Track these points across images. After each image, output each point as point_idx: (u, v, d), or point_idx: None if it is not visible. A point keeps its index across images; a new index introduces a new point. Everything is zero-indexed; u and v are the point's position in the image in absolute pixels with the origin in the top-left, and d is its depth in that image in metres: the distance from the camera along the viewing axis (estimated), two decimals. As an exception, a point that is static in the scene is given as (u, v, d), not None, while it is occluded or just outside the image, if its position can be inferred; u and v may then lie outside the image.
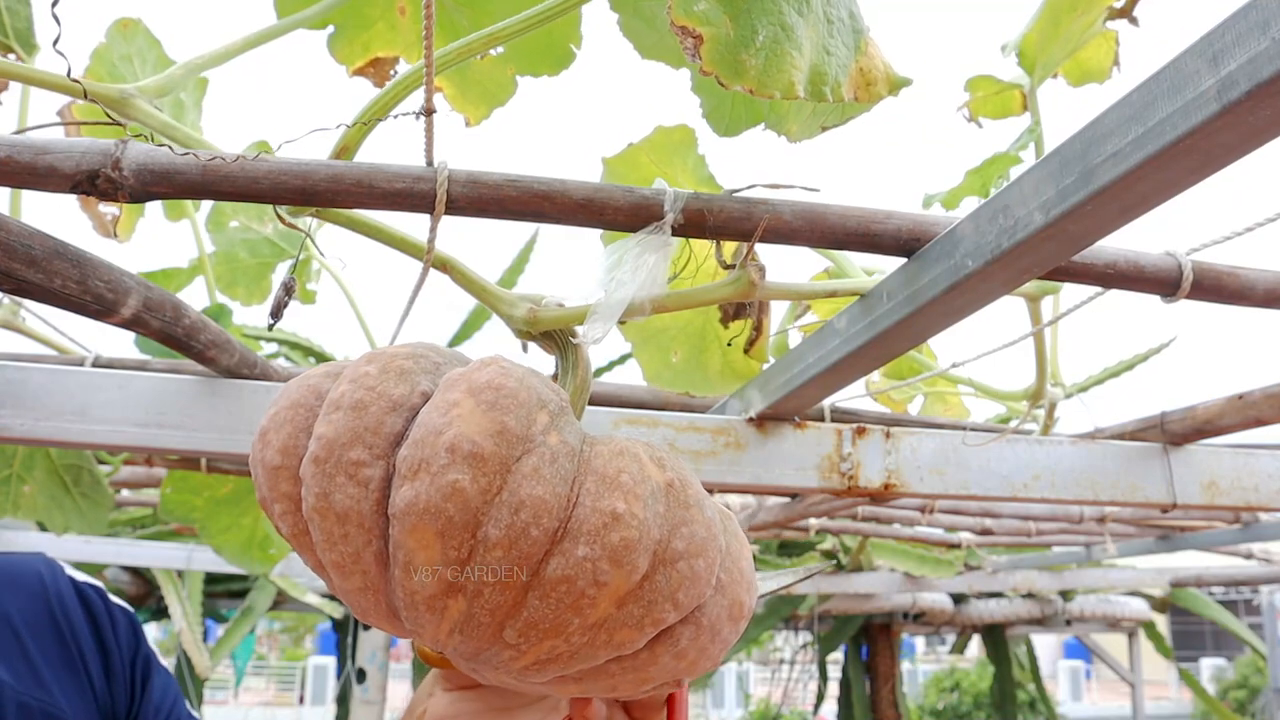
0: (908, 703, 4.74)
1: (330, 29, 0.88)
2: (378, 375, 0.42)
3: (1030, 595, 4.32)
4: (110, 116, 0.67)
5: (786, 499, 1.79)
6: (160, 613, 3.67)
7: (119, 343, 2.95)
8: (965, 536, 2.79)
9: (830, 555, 3.36)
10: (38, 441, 0.82)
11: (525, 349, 0.67)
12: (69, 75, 0.60)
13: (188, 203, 1.38)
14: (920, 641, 18.82)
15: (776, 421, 0.95)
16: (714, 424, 0.94)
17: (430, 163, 0.61)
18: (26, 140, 0.56)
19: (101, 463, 1.57)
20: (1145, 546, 2.64)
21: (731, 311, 0.98)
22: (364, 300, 1.41)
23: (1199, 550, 2.82)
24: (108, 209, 1.22)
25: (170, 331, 0.74)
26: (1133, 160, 0.47)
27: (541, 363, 0.63)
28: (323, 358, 1.83)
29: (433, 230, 0.60)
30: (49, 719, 0.67)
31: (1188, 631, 19.71)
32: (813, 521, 2.40)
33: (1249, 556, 3.13)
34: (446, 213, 0.59)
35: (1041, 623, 4.49)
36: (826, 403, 1.08)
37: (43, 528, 2.36)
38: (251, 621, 3.51)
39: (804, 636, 4.95)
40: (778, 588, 0.60)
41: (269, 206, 1.35)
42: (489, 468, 0.39)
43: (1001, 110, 1.08)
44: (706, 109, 0.76)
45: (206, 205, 1.41)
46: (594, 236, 0.85)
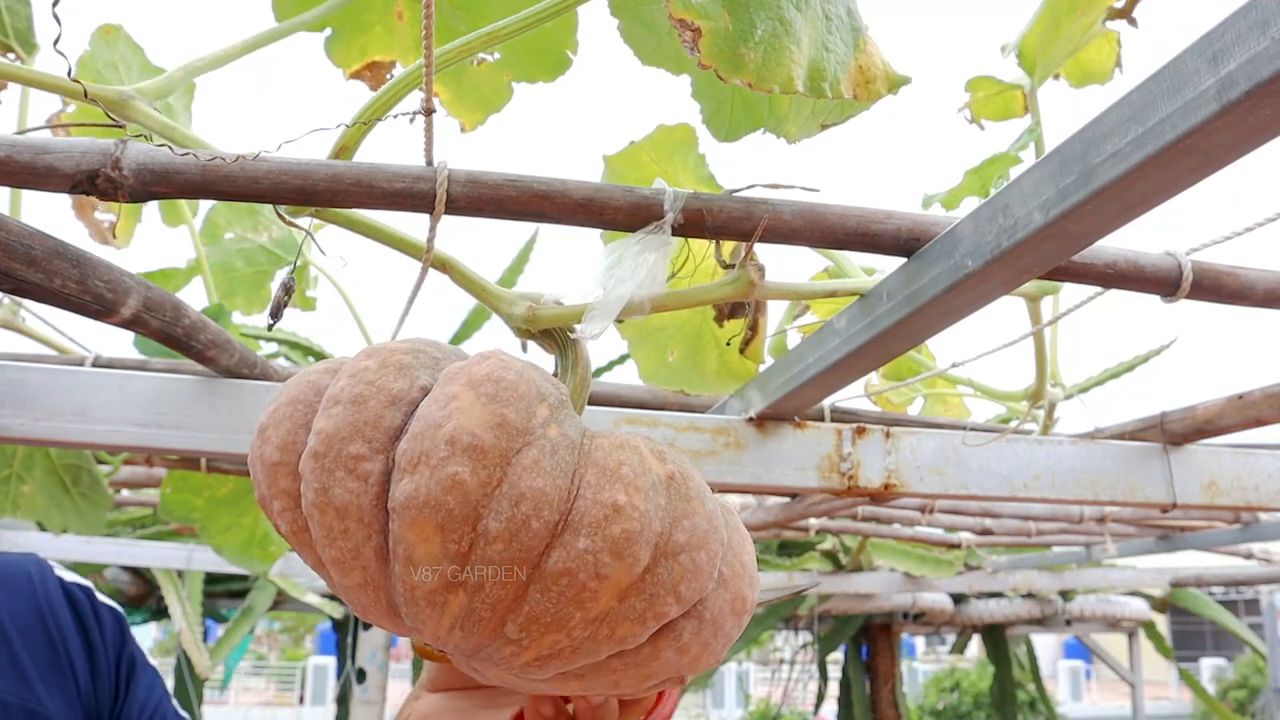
0: (908, 703, 4.74)
1: (328, 32, 0.88)
2: (377, 370, 0.42)
3: (1030, 595, 4.32)
4: (110, 118, 0.67)
5: (786, 499, 1.79)
6: (160, 613, 3.67)
7: (119, 343, 2.95)
8: (965, 536, 2.79)
9: (829, 555, 3.36)
10: (37, 441, 0.82)
11: (525, 348, 0.67)
12: (70, 74, 0.60)
13: (185, 207, 1.38)
14: (920, 641, 18.81)
15: (776, 421, 0.95)
16: (714, 424, 0.94)
17: (430, 162, 0.61)
18: (26, 140, 0.56)
19: (101, 462, 1.57)
20: (1145, 546, 2.64)
21: (727, 311, 0.98)
22: (362, 302, 1.41)
23: (1199, 550, 2.82)
24: (104, 216, 1.22)
25: (170, 331, 0.74)
26: (1132, 160, 0.47)
27: (541, 361, 0.63)
28: (321, 357, 1.83)
29: (432, 230, 0.60)
30: (32, 717, 0.68)
31: (1188, 631, 19.71)
32: (813, 521, 2.40)
33: (1249, 556, 3.13)
34: (446, 212, 0.59)
35: (1041, 623, 4.49)
36: (826, 403, 1.07)
37: (42, 527, 2.35)
38: (251, 621, 3.50)
39: (804, 636, 4.95)
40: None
41: (264, 215, 1.34)
42: (489, 460, 0.39)
43: (1003, 112, 1.08)
44: (706, 114, 0.75)
45: (204, 210, 1.41)
46: (594, 237, 0.85)
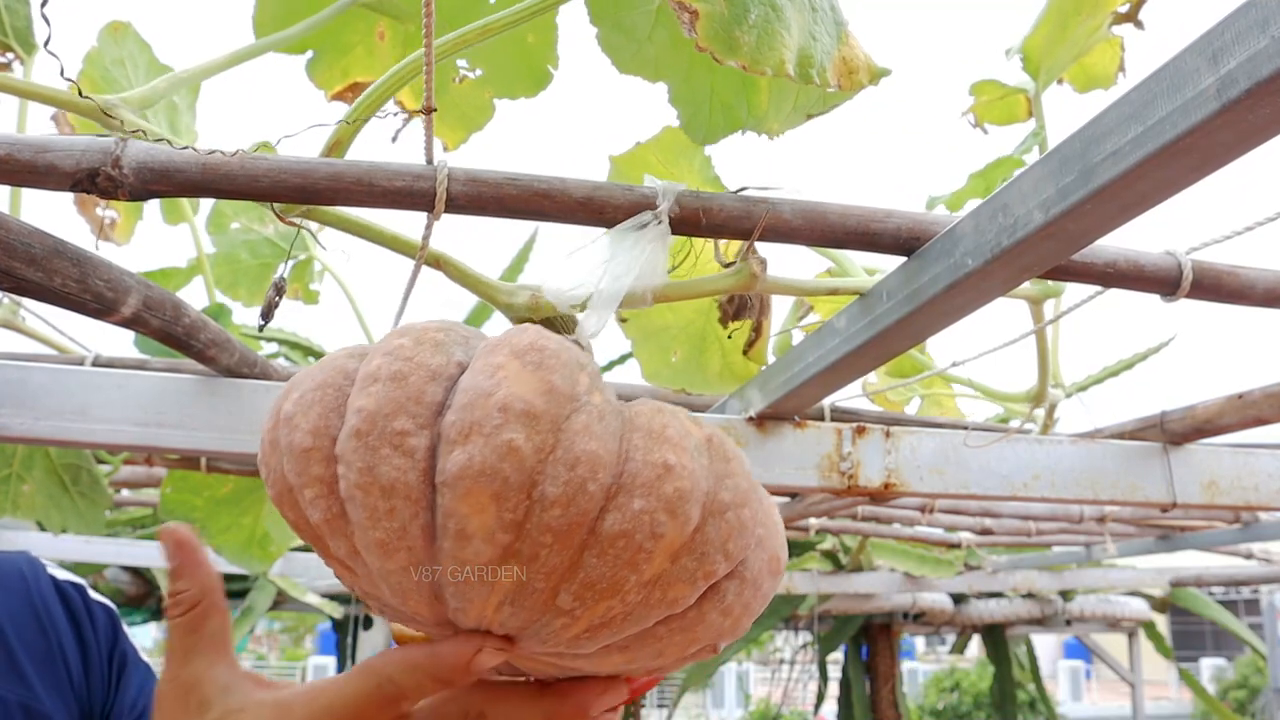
0: (908, 703, 4.74)
1: (309, 54, 0.88)
2: (413, 346, 0.42)
3: (1030, 595, 4.32)
4: (104, 127, 0.67)
5: (786, 498, 1.79)
6: (160, 613, 3.67)
7: (118, 342, 2.95)
8: (965, 536, 2.79)
9: (829, 555, 3.36)
10: (37, 441, 0.82)
11: None
12: (62, 74, 0.60)
13: (186, 205, 1.38)
14: (920, 641, 18.81)
15: (776, 421, 0.95)
16: (713, 423, 0.94)
17: (430, 161, 0.61)
18: (27, 138, 0.56)
19: (101, 462, 1.57)
20: (1145, 546, 2.63)
21: (731, 312, 0.98)
22: (362, 299, 1.41)
23: (1199, 550, 2.82)
24: (106, 213, 1.22)
25: (170, 330, 0.74)
26: (1132, 159, 0.47)
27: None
28: (322, 356, 1.83)
29: (428, 228, 0.60)
30: (28, 713, 0.68)
31: (1188, 631, 19.70)
32: (813, 521, 2.39)
33: (1249, 556, 3.13)
34: (446, 211, 0.59)
35: (1041, 623, 4.48)
36: (826, 402, 1.07)
37: (41, 527, 2.35)
38: (251, 621, 3.50)
39: (804, 636, 4.95)
40: None
41: (270, 207, 1.35)
42: (542, 425, 0.39)
43: (1007, 116, 1.08)
44: (684, 119, 0.76)
45: (205, 208, 1.41)
46: (595, 236, 0.85)
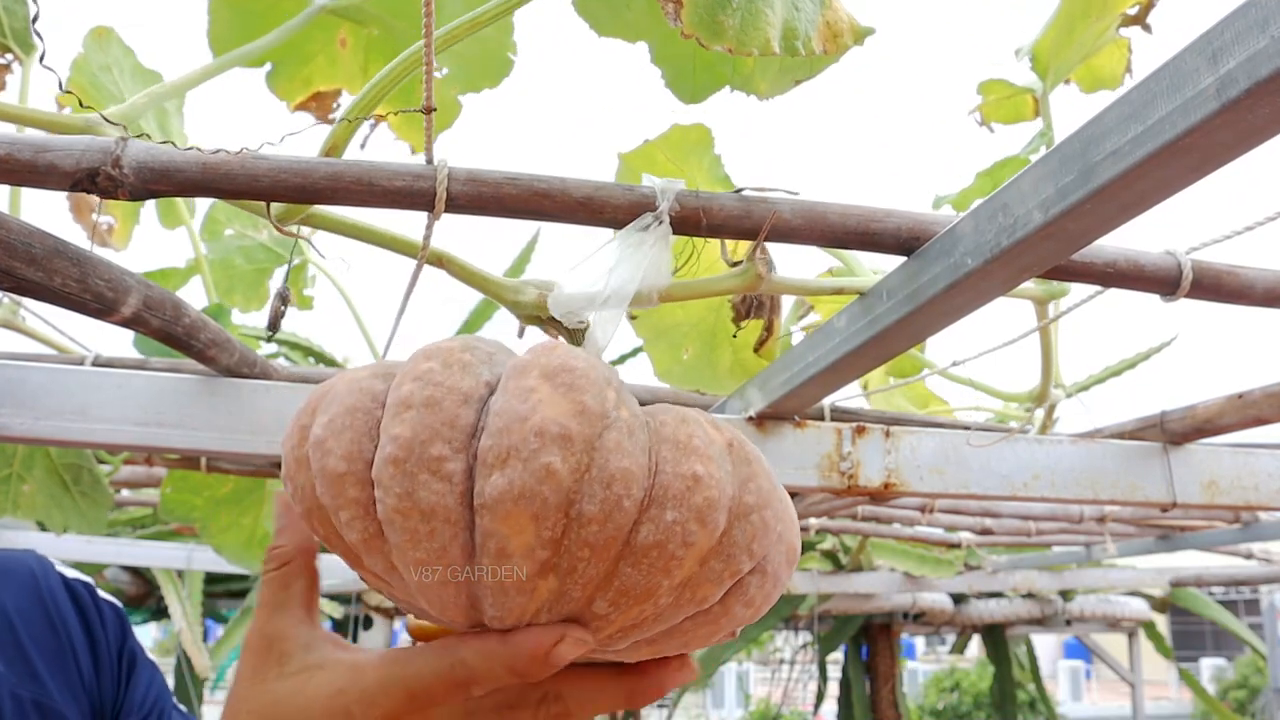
0: (908, 703, 4.74)
1: (268, 66, 0.88)
2: (442, 371, 0.43)
3: (1030, 595, 4.32)
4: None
5: (786, 498, 1.79)
6: (160, 613, 3.67)
7: (118, 342, 2.95)
8: (965, 536, 2.79)
9: (830, 555, 3.36)
10: (37, 440, 0.82)
11: (521, 334, 0.68)
12: (60, 86, 0.60)
13: (183, 208, 1.37)
14: (920, 641, 18.81)
15: (776, 420, 0.95)
16: (714, 423, 0.94)
17: (430, 160, 0.61)
18: (26, 138, 0.56)
19: (101, 462, 1.57)
20: (1145, 546, 2.63)
21: (744, 311, 0.98)
22: (360, 299, 1.41)
23: (1199, 550, 2.81)
24: (103, 219, 1.22)
25: (170, 330, 0.74)
26: (1132, 158, 0.47)
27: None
28: (322, 357, 1.83)
29: (429, 228, 0.60)
30: (41, 710, 0.68)
31: (1188, 631, 19.70)
32: (812, 521, 2.39)
33: (1249, 556, 3.13)
34: (446, 211, 0.59)
35: (1041, 623, 4.48)
36: (826, 402, 1.07)
37: (43, 527, 2.35)
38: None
39: (804, 636, 4.95)
40: None
41: (266, 215, 1.35)
42: (576, 447, 0.40)
43: (1014, 115, 1.08)
44: (669, 79, 0.77)
45: (201, 211, 1.41)
46: (595, 235, 0.85)
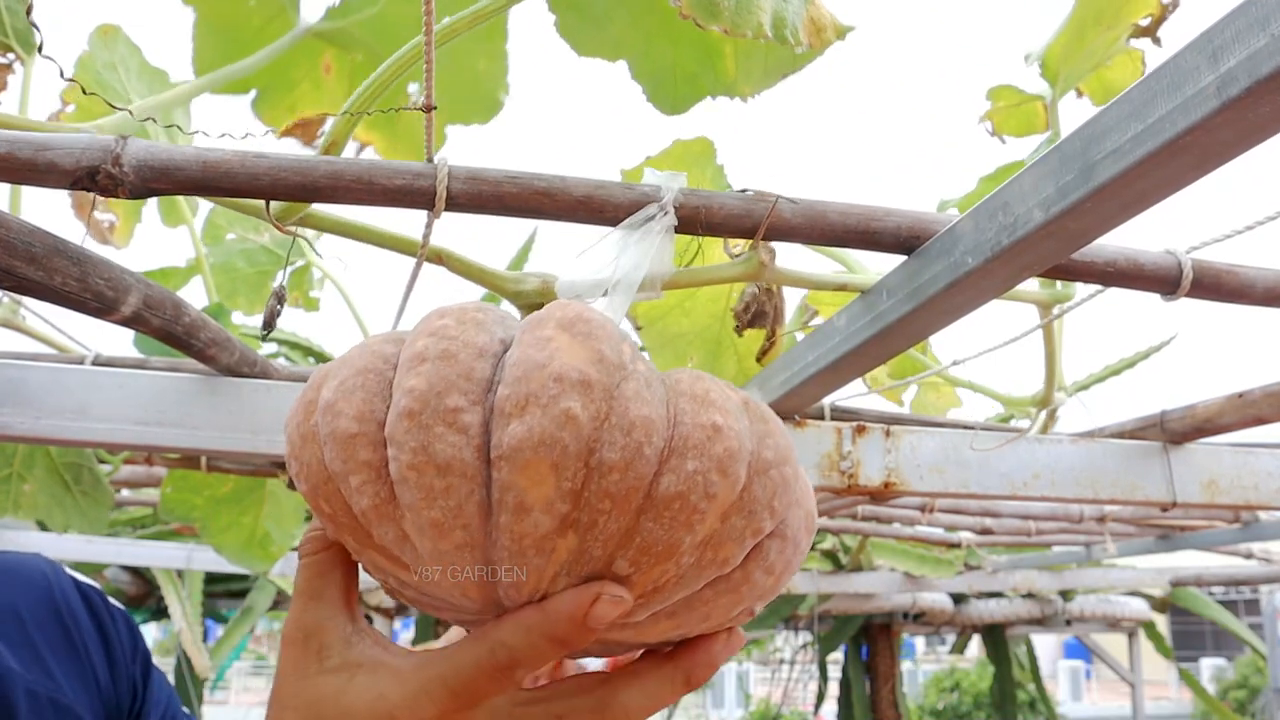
0: (908, 703, 4.73)
1: (253, 93, 0.88)
2: (457, 326, 0.42)
3: (1030, 595, 4.32)
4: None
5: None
6: (160, 613, 3.67)
7: (118, 342, 2.95)
8: (965, 536, 2.79)
9: (830, 555, 3.36)
10: (38, 440, 0.82)
11: None
12: (62, 75, 0.60)
13: (185, 207, 1.37)
14: (920, 641, 18.81)
15: (776, 420, 0.95)
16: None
17: (430, 159, 0.61)
18: (27, 136, 0.56)
19: (101, 462, 1.57)
20: (1145, 546, 2.63)
21: (747, 320, 0.98)
22: (361, 300, 1.41)
23: (1199, 550, 2.81)
24: (104, 216, 1.22)
25: (170, 329, 0.74)
26: (1132, 157, 0.47)
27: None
28: (322, 357, 1.83)
29: (428, 226, 0.60)
30: (56, 706, 0.68)
31: (1188, 631, 19.69)
32: (813, 521, 2.39)
33: (1249, 556, 3.13)
34: (446, 209, 0.59)
35: (1041, 623, 4.48)
36: (826, 401, 1.07)
37: (43, 527, 2.35)
38: (251, 621, 3.50)
39: (804, 636, 4.95)
40: None
41: (266, 214, 1.35)
42: (596, 394, 0.40)
43: (1025, 126, 1.07)
44: (649, 92, 0.78)
45: (203, 211, 1.41)
46: (594, 234, 0.85)
